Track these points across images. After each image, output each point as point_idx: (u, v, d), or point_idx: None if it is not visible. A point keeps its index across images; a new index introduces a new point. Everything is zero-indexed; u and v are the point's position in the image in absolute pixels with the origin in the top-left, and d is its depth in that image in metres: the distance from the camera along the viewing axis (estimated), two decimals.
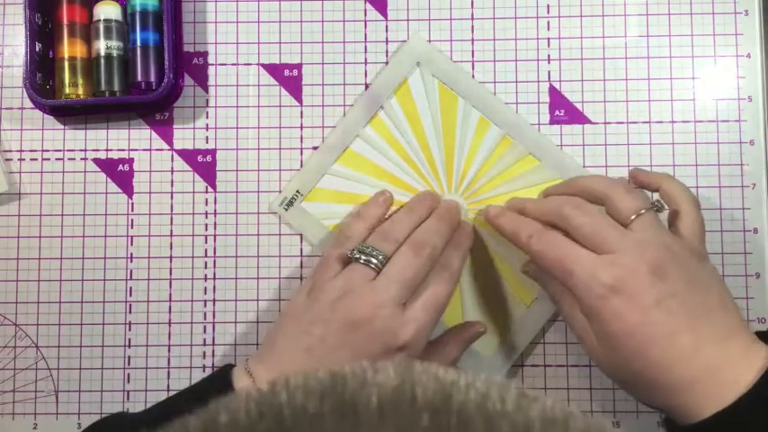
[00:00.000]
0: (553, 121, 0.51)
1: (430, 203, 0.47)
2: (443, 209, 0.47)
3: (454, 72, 0.50)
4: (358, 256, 0.43)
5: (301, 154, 0.52)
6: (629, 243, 0.40)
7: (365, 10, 0.52)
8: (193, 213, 0.52)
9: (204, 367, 0.51)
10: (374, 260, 0.42)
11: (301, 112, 0.52)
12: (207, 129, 0.52)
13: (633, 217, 0.41)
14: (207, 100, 0.52)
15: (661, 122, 0.51)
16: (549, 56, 0.52)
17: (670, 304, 0.39)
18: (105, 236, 0.51)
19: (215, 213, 0.51)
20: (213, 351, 0.51)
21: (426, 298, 0.42)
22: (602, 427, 0.21)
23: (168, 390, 0.50)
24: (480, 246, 0.50)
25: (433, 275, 0.43)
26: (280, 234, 0.51)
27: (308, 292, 0.44)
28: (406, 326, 0.41)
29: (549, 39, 0.52)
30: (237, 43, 0.52)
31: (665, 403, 0.40)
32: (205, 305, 0.51)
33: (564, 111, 0.51)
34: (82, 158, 0.52)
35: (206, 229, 0.51)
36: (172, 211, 0.52)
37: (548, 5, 0.52)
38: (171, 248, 0.51)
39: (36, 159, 0.52)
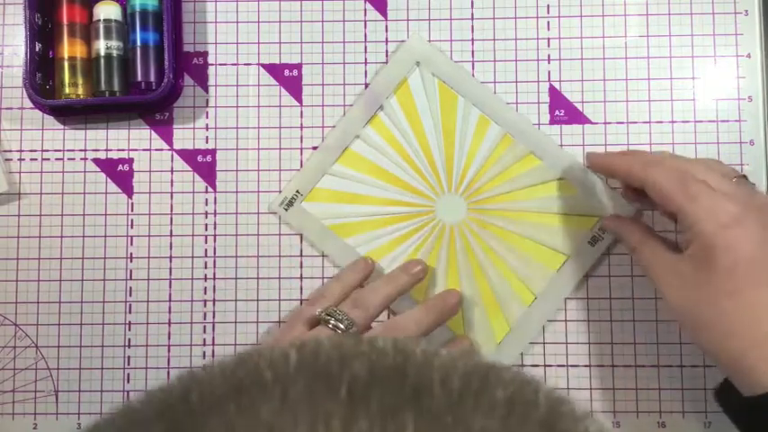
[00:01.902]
0: (553, 121, 0.51)
1: (415, 274, 0.48)
2: (438, 300, 0.48)
3: (454, 71, 0.50)
4: (327, 318, 0.44)
5: (301, 154, 0.52)
6: (742, 189, 0.41)
7: (365, 10, 0.52)
8: (193, 213, 0.52)
9: (204, 367, 0.51)
10: (341, 325, 0.43)
11: (301, 112, 0.52)
12: (207, 129, 0.52)
13: (734, 179, 0.42)
14: (207, 100, 0.52)
15: (661, 122, 0.51)
16: (549, 56, 0.52)
17: None
18: (105, 236, 0.51)
19: (215, 213, 0.51)
20: (213, 351, 0.51)
21: None
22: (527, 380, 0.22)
23: None
24: (480, 246, 0.50)
25: None
26: (280, 234, 0.51)
27: (275, 341, 0.46)
28: None
29: (549, 39, 0.52)
30: (237, 43, 0.52)
31: (737, 358, 0.39)
32: (205, 305, 0.51)
33: (564, 111, 0.51)
34: (82, 158, 0.52)
35: (206, 229, 0.51)
36: (172, 211, 0.52)
37: (548, 5, 0.52)
38: (171, 248, 0.51)
39: (36, 159, 0.52)
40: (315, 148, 0.51)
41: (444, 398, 0.20)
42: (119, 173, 0.52)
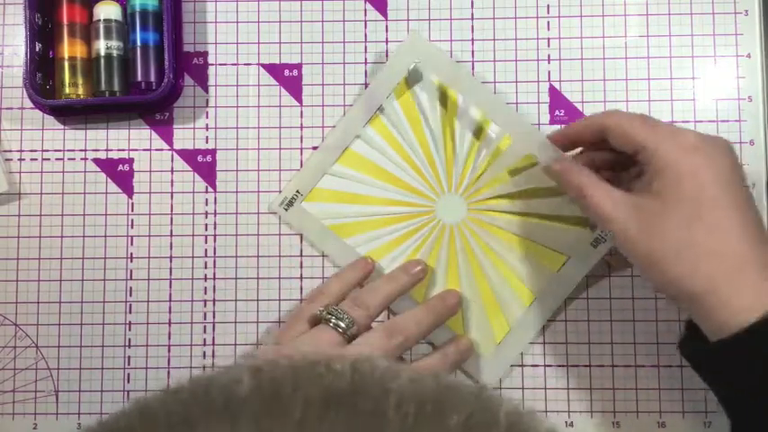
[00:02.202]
0: (553, 121, 0.51)
1: (415, 274, 0.48)
2: (437, 301, 0.48)
3: (454, 70, 0.50)
4: (328, 317, 0.44)
5: (301, 154, 0.52)
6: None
7: (365, 10, 0.52)
8: (193, 213, 0.52)
9: (204, 367, 0.51)
10: (342, 324, 0.43)
11: (301, 112, 0.52)
12: (207, 129, 0.52)
13: None
14: (207, 100, 0.52)
15: None
16: (549, 56, 0.52)
17: (739, 179, 0.40)
18: (105, 236, 0.51)
19: (215, 213, 0.51)
20: (213, 351, 0.51)
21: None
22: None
23: None
24: (480, 246, 0.50)
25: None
26: (280, 234, 0.51)
27: (275, 339, 0.45)
28: None
29: (549, 39, 0.52)
30: (237, 43, 0.52)
31: (708, 287, 0.38)
32: (205, 305, 0.51)
33: (564, 111, 0.51)
34: (82, 158, 0.52)
35: (206, 229, 0.51)
36: (172, 211, 0.52)
37: (548, 5, 0.52)
38: (171, 248, 0.51)
39: (36, 159, 0.52)
40: (315, 148, 0.51)
41: (399, 423, 0.20)
42: (119, 173, 0.52)
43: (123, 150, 0.52)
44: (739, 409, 0.40)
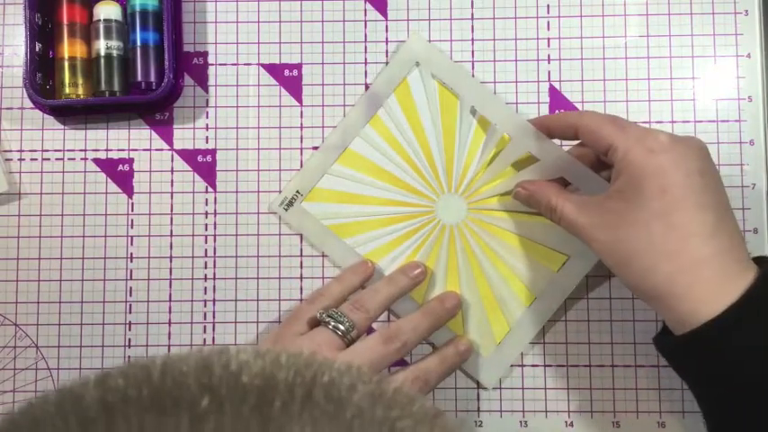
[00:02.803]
0: None
1: (415, 276, 0.48)
2: (435, 304, 0.48)
3: (454, 71, 0.50)
4: (327, 320, 0.44)
5: (301, 154, 0.52)
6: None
7: (365, 10, 0.52)
8: (193, 213, 0.52)
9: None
10: (341, 327, 0.44)
11: (301, 112, 0.52)
12: (207, 129, 0.52)
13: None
14: (207, 100, 0.52)
15: (661, 122, 0.51)
16: (549, 56, 0.52)
17: (710, 182, 0.40)
18: (105, 236, 0.51)
19: (215, 213, 0.51)
20: None
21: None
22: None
23: None
24: (480, 246, 0.50)
25: (404, 377, 0.45)
26: (280, 234, 0.51)
27: (274, 340, 0.45)
28: None
29: (549, 39, 0.52)
30: (237, 43, 0.52)
31: (667, 286, 0.39)
32: (205, 305, 0.51)
33: (564, 111, 0.51)
34: (82, 158, 0.52)
35: (206, 229, 0.51)
36: (172, 211, 0.52)
37: (548, 5, 0.52)
38: (171, 248, 0.51)
39: (36, 159, 0.52)
40: (315, 148, 0.51)
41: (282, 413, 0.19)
42: (119, 173, 0.52)
43: (123, 150, 0.52)
44: (705, 399, 0.41)
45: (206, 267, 0.51)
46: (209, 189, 0.52)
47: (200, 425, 0.18)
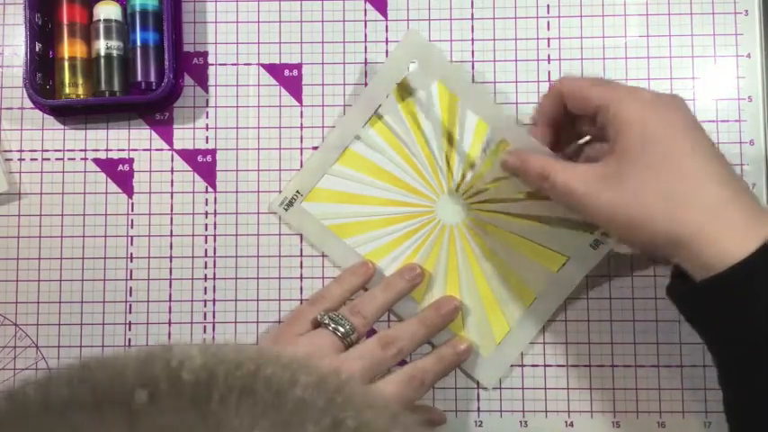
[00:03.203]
0: None
1: (412, 279, 0.48)
2: (432, 310, 0.48)
3: (451, 70, 0.50)
4: (327, 322, 0.44)
5: (301, 154, 0.52)
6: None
7: (365, 10, 0.52)
8: (193, 213, 0.52)
9: None
10: (341, 329, 0.44)
11: (301, 112, 0.52)
12: (207, 129, 0.52)
13: None
14: (207, 100, 0.52)
15: None
16: (549, 56, 0.52)
17: (703, 131, 0.40)
18: (105, 236, 0.51)
19: (215, 213, 0.51)
20: None
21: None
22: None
23: None
24: (480, 246, 0.50)
25: (400, 376, 0.45)
26: (280, 234, 0.51)
27: (273, 341, 0.45)
28: None
29: (549, 39, 0.52)
30: (237, 43, 0.52)
31: (694, 231, 0.38)
32: (205, 305, 0.51)
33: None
34: (82, 158, 0.52)
35: (206, 229, 0.51)
36: (172, 211, 0.52)
37: (548, 5, 0.52)
38: (171, 248, 0.51)
39: (36, 159, 0.52)
40: (315, 148, 0.51)
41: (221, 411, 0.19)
42: (119, 173, 0.52)
43: (123, 150, 0.52)
44: (725, 352, 0.40)
45: (206, 267, 0.51)
46: (209, 189, 0.52)
47: (137, 420, 0.18)
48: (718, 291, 0.38)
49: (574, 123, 0.45)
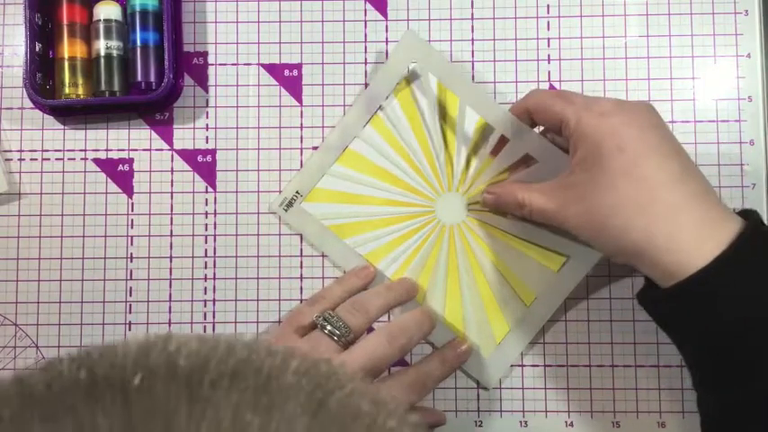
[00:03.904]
0: None
1: (409, 289, 0.49)
2: (427, 312, 0.48)
3: (449, 70, 0.50)
4: (323, 323, 0.44)
5: (301, 154, 0.52)
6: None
7: (365, 10, 0.52)
8: (193, 213, 0.52)
9: None
10: (337, 331, 0.43)
11: (301, 112, 0.52)
12: (207, 129, 0.52)
13: None
14: (207, 100, 0.52)
15: None
16: (549, 56, 0.52)
17: (665, 134, 0.40)
18: (105, 236, 0.51)
19: (215, 213, 0.51)
20: None
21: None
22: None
23: None
24: (480, 246, 0.50)
25: (403, 379, 0.45)
26: (280, 234, 0.51)
27: (274, 339, 0.46)
28: None
29: (549, 39, 0.52)
30: (237, 43, 0.52)
31: (647, 239, 0.38)
32: (205, 305, 0.51)
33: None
34: (82, 158, 0.52)
35: (206, 229, 0.51)
36: (172, 211, 0.52)
37: (548, 5, 0.52)
38: (171, 248, 0.51)
39: (36, 159, 0.52)
40: (315, 148, 0.51)
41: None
42: (119, 173, 0.52)
43: (123, 150, 0.52)
44: (694, 355, 0.41)
45: (206, 267, 0.51)
46: (209, 189, 0.52)
47: (132, 402, 0.19)
48: (681, 298, 0.38)
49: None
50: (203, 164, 0.52)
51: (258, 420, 0.19)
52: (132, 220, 0.52)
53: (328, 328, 0.44)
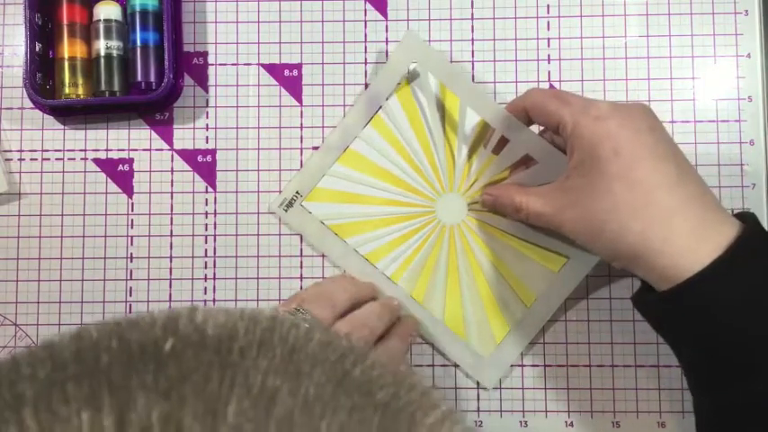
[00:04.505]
0: None
1: (371, 290, 0.49)
2: (388, 302, 0.48)
3: (450, 70, 0.50)
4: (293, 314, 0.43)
5: (301, 154, 0.52)
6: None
7: (365, 10, 0.52)
8: (193, 213, 0.52)
9: None
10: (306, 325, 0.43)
11: (301, 112, 0.52)
12: (207, 129, 0.52)
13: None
14: (207, 100, 0.52)
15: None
16: (549, 56, 0.52)
17: (661, 136, 0.40)
18: (105, 236, 0.51)
19: (215, 213, 0.51)
20: None
21: None
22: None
23: None
24: (480, 246, 0.50)
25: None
26: (280, 234, 0.51)
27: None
28: None
29: (549, 39, 0.52)
30: (237, 43, 0.52)
31: (643, 243, 0.38)
32: (205, 305, 0.51)
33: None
34: (82, 158, 0.52)
35: (206, 229, 0.51)
36: (172, 211, 0.52)
37: (548, 5, 0.52)
38: (171, 248, 0.51)
39: (36, 159, 0.52)
40: (315, 148, 0.51)
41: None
42: (119, 173, 0.52)
43: (123, 150, 0.52)
44: (689, 359, 0.41)
45: (206, 267, 0.51)
46: (209, 189, 0.52)
47: (164, 365, 0.19)
48: (676, 302, 0.38)
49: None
50: (203, 164, 0.52)
51: (288, 386, 0.19)
52: (132, 220, 0.52)
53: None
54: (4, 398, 0.19)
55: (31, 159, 0.52)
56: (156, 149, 0.52)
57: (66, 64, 0.51)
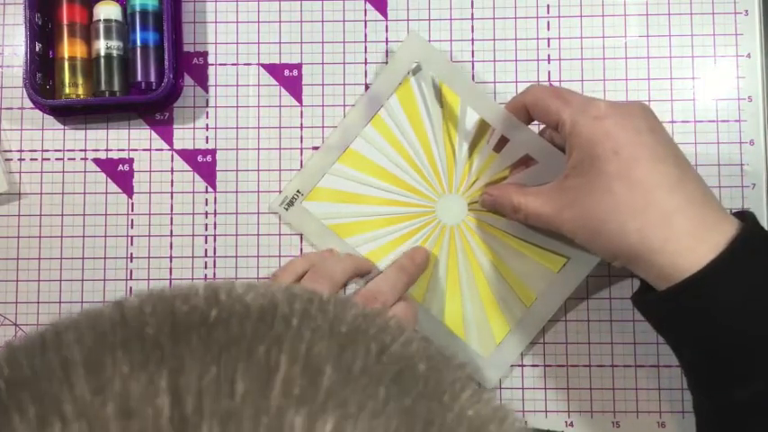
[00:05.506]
0: None
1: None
2: (406, 260, 0.48)
3: (452, 71, 0.50)
4: None
5: (301, 154, 0.52)
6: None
7: (365, 10, 0.52)
8: (193, 213, 0.52)
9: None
10: None
11: (301, 112, 0.52)
12: (207, 129, 0.52)
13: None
14: (207, 100, 0.52)
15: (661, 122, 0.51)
16: (549, 56, 0.52)
17: (661, 137, 0.40)
18: (105, 236, 0.51)
19: (215, 213, 0.51)
20: None
21: None
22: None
23: None
24: (480, 246, 0.50)
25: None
26: (280, 234, 0.51)
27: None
28: None
29: (549, 39, 0.52)
30: (237, 43, 0.52)
31: (642, 243, 0.38)
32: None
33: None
34: (82, 158, 0.52)
35: (206, 229, 0.51)
36: (172, 211, 0.52)
37: (548, 5, 0.52)
38: (171, 248, 0.51)
39: (36, 159, 0.52)
40: (315, 148, 0.51)
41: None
42: (119, 173, 0.52)
43: (123, 150, 0.52)
44: (689, 358, 0.41)
45: (206, 267, 0.51)
46: (209, 189, 0.52)
47: (211, 331, 0.20)
48: (676, 301, 0.38)
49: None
50: (203, 164, 0.52)
51: (333, 353, 0.19)
52: (132, 220, 0.52)
53: None
54: (51, 363, 0.19)
55: (31, 159, 0.52)
56: (156, 149, 0.52)
57: (66, 64, 0.51)
